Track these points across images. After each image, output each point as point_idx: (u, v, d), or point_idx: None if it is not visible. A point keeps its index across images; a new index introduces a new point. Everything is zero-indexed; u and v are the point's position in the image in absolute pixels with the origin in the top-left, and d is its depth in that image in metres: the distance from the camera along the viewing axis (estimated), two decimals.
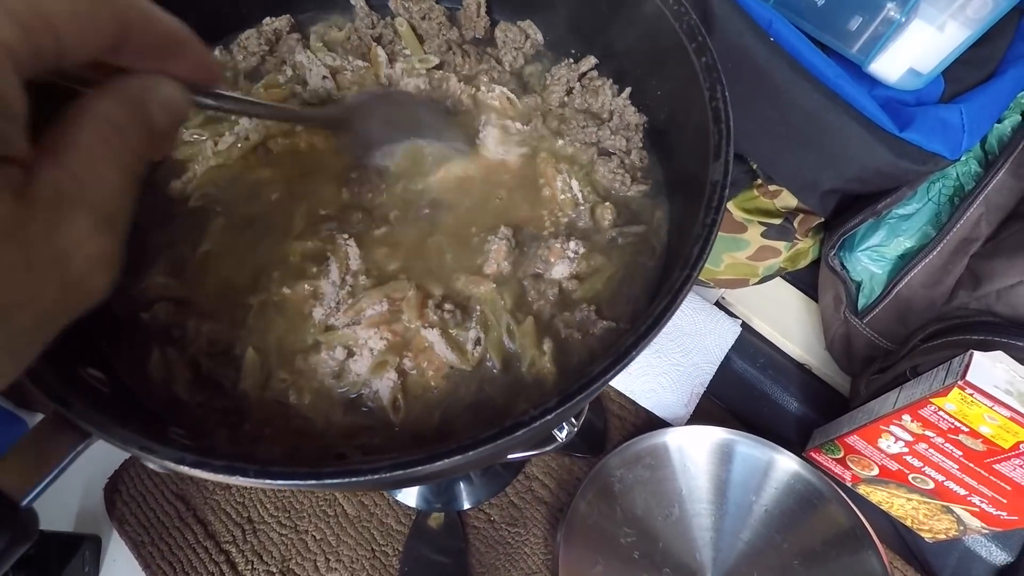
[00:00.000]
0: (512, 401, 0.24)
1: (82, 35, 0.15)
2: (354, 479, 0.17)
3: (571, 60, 0.33)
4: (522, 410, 0.17)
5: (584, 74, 0.33)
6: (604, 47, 0.32)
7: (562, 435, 0.27)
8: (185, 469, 0.16)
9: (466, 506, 0.51)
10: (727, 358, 0.58)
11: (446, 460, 0.16)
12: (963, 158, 0.47)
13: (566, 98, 0.32)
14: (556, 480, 0.53)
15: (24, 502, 0.15)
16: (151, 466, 0.17)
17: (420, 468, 0.16)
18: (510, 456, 0.33)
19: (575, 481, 0.52)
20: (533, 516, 0.52)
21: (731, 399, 0.57)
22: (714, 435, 0.50)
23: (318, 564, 0.49)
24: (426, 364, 0.25)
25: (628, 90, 0.32)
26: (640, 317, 0.18)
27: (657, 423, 0.55)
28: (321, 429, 0.24)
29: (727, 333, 0.59)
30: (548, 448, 0.29)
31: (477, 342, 0.25)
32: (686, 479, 0.50)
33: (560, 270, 0.27)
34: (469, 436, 0.17)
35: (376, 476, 0.17)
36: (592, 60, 0.33)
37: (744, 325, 0.60)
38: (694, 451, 0.50)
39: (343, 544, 0.50)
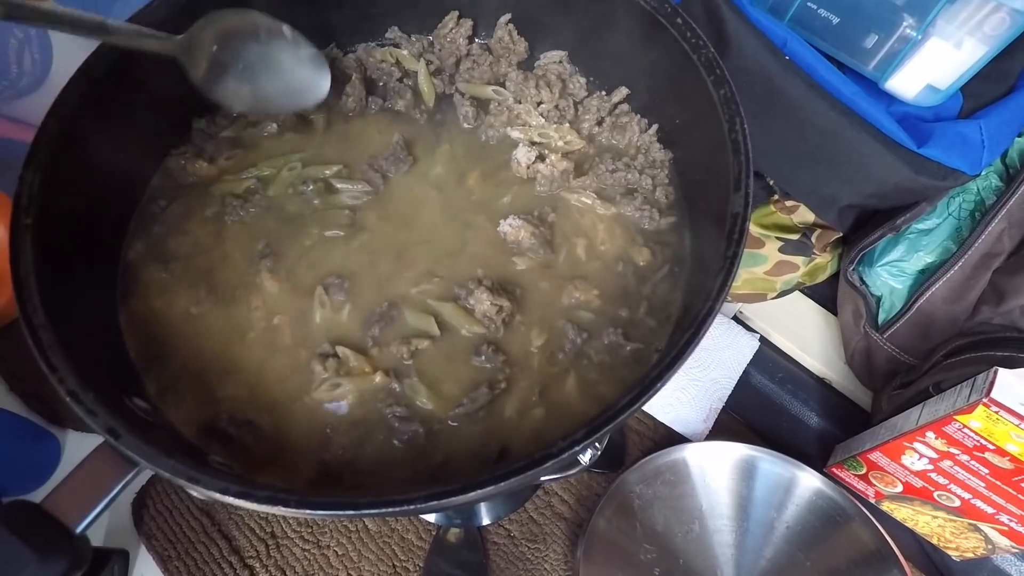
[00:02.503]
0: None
1: None
2: (389, 509, 0.17)
3: (604, 92, 0.34)
4: (550, 441, 0.18)
5: (616, 105, 0.33)
6: (624, 80, 0.33)
7: (586, 459, 0.27)
8: (229, 499, 0.17)
9: (485, 522, 0.51)
10: (746, 373, 0.58)
11: (479, 491, 0.17)
12: (984, 172, 0.47)
13: (596, 129, 0.33)
14: (575, 496, 0.53)
15: (79, 529, 0.16)
16: (194, 494, 0.17)
17: (453, 499, 0.17)
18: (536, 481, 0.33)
19: (594, 497, 0.52)
20: (553, 532, 0.52)
21: (750, 414, 0.57)
22: (735, 451, 0.50)
23: None
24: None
25: (655, 127, 0.32)
26: (668, 343, 0.19)
27: (676, 438, 0.54)
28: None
29: (745, 348, 0.58)
30: (572, 472, 0.29)
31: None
32: (707, 495, 0.50)
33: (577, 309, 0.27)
34: (500, 469, 0.17)
35: (411, 506, 0.17)
36: (624, 91, 0.33)
37: (762, 339, 0.59)
38: (714, 467, 0.50)
39: (364, 559, 0.50)
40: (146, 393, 0.24)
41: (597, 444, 0.30)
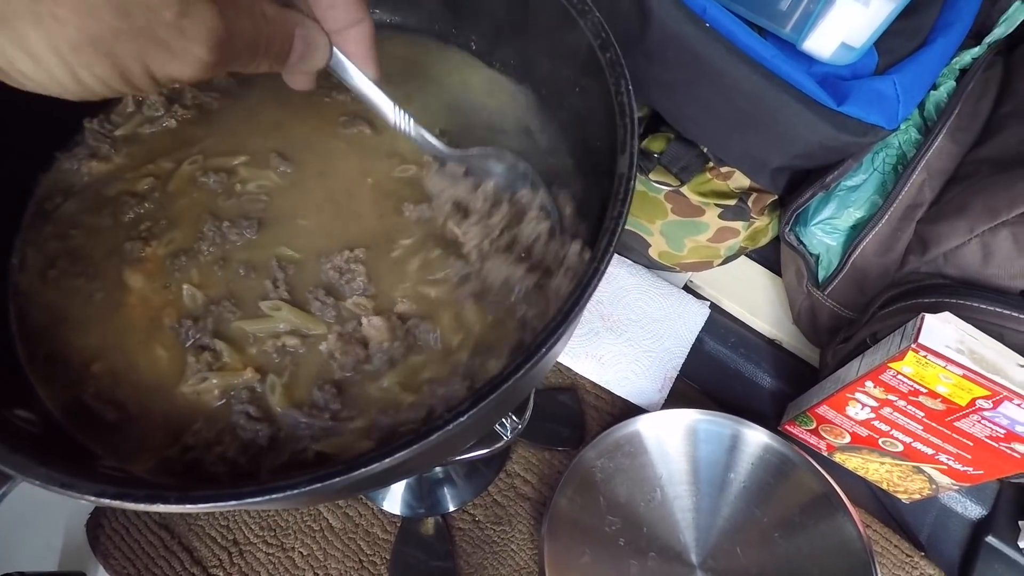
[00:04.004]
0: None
1: None
2: (274, 496, 0.17)
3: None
4: (438, 414, 0.18)
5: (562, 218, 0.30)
6: (519, 50, 0.32)
7: (506, 432, 0.27)
8: (106, 502, 0.17)
9: (451, 508, 0.51)
10: (698, 340, 0.59)
11: (364, 469, 0.17)
12: (903, 126, 0.48)
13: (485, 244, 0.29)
14: (538, 475, 0.53)
15: None
16: (83, 502, 0.17)
17: (338, 479, 0.17)
18: (455, 459, 0.33)
19: (556, 475, 0.53)
20: (517, 513, 0.52)
21: (705, 380, 0.58)
22: (685, 417, 0.51)
23: None
24: None
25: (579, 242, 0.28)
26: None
27: (633, 410, 0.55)
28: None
29: (696, 316, 0.59)
30: (497, 446, 0.29)
31: None
32: (665, 463, 0.51)
33: None
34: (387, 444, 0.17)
35: (295, 491, 0.17)
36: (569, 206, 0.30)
37: (713, 306, 0.61)
38: (669, 435, 0.51)
39: (330, 558, 0.50)
40: (33, 401, 0.23)
41: (515, 417, 0.30)
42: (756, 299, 0.61)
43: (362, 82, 0.26)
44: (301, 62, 0.23)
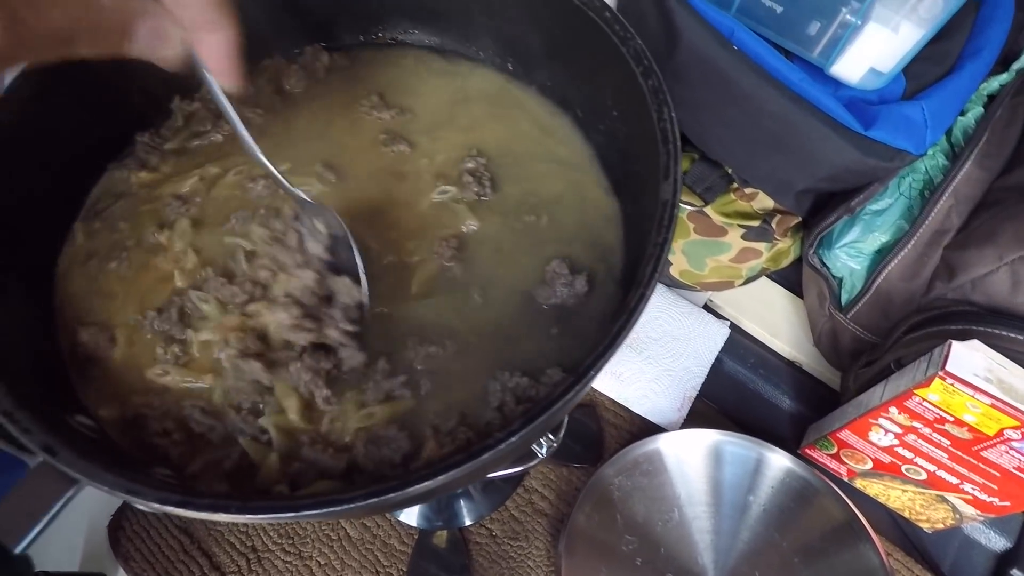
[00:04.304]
0: None
1: None
2: (330, 509, 0.17)
3: None
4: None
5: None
6: (556, 72, 0.33)
7: (542, 451, 0.27)
8: (170, 509, 0.17)
9: (467, 522, 0.51)
10: (718, 360, 0.59)
11: (418, 485, 0.17)
12: (930, 152, 0.48)
13: None
14: (556, 492, 0.53)
15: (18, 549, 0.16)
16: (142, 508, 0.18)
17: (393, 495, 0.17)
18: (491, 475, 0.33)
19: (574, 492, 0.53)
20: (534, 529, 0.52)
21: (724, 400, 0.58)
22: (707, 438, 0.51)
23: None
24: None
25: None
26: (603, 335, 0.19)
27: (652, 429, 0.55)
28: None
29: (716, 335, 0.59)
30: (531, 464, 0.29)
31: None
32: (684, 483, 0.50)
33: None
34: (439, 461, 0.18)
35: (352, 505, 0.17)
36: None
37: (733, 326, 0.60)
38: (689, 455, 0.51)
39: (347, 568, 0.50)
40: (89, 407, 0.24)
41: (551, 436, 0.30)
42: (776, 320, 0.61)
43: (218, 91, 0.24)
44: (148, 52, 0.21)
